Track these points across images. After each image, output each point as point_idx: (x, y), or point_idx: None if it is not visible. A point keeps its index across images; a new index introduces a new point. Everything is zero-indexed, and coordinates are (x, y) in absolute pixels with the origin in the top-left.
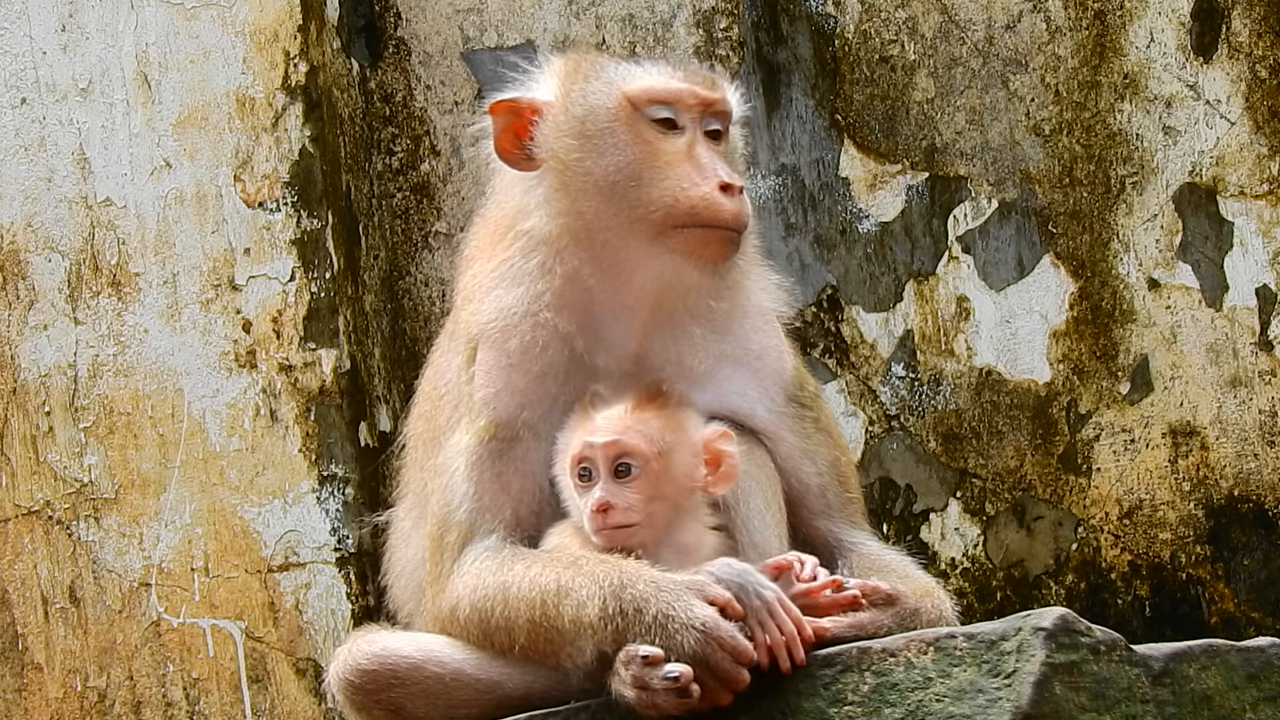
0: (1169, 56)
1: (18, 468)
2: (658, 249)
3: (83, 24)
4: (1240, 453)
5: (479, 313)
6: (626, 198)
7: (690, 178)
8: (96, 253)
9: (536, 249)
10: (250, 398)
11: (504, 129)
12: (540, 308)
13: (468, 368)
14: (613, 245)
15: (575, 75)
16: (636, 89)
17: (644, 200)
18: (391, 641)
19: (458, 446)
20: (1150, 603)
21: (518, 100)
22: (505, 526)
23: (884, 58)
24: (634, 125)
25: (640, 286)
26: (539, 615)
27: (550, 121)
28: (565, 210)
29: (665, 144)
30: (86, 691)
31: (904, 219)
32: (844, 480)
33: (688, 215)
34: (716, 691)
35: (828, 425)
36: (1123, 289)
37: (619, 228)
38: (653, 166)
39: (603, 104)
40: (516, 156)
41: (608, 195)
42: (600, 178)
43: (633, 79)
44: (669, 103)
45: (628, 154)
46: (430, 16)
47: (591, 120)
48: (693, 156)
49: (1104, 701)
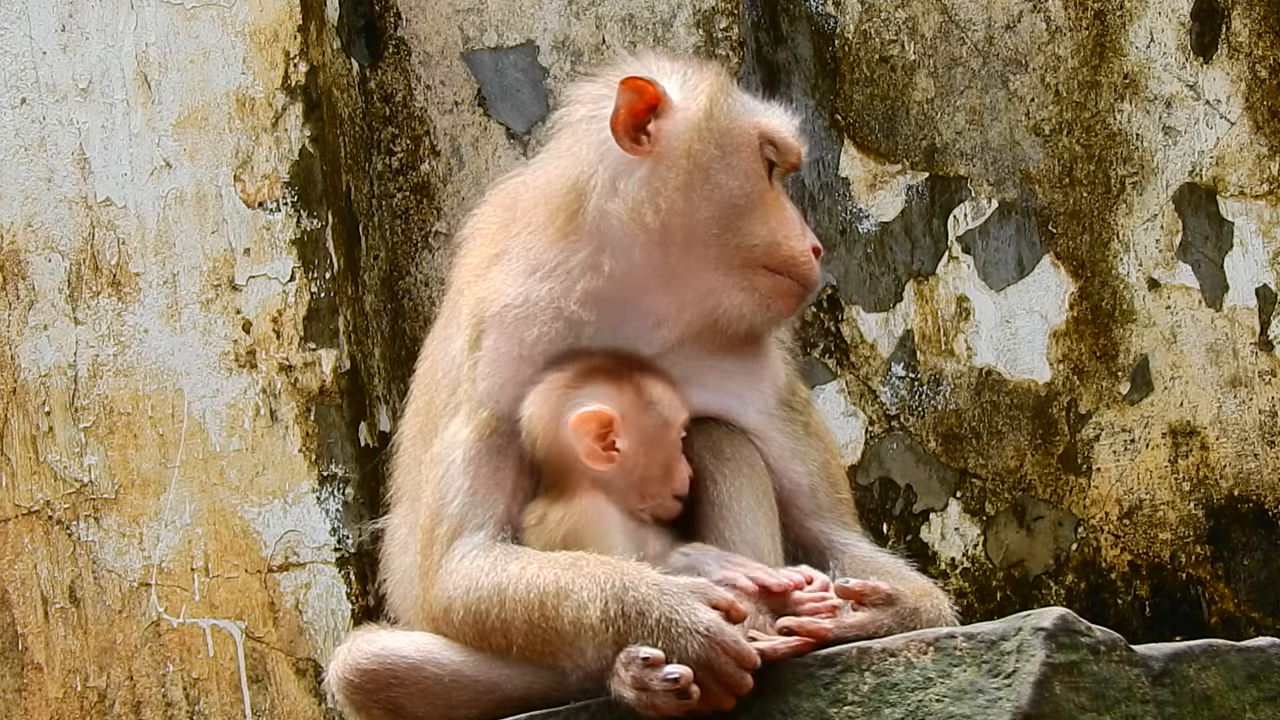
0: (1169, 56)
1: (18, 468)
2: (735, 280)
3: (83, 24)
4: (1240, 453)
5: (496, 293)
6: (737, 221)
7: (794, 229)
8: (96, 253)
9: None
10: (250, 398)
11: (628, 105)
12: (570, 302)
13: (471, 352)
14: (694, 257)
15: (718, 88)
16: (771, 128)
17: (746, 232)
18: (391, 641)
19: (456, 438)
20: (1150, 603)
21: (654, 83)
22: (496, 523)
23: (884, 58)
24: (756, 159)
25: (696, 305)
26: (537, 616)
27: (683, 119)
28: (667, 207)
29: (765, 185)
30: (86, 691)
31: (904, 219)
32: (835, 482)
33: (784, 262)
34: (719, 696)
35: (818, 430)
36: (1123, 289)
37: (713, 244)
38: (763, 204)
39: (741, 127)
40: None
41: (722, 210)
42: (725, 193)
43: (764, 115)
44: (782, 150)
45: (751, 183)
46: (430, 16)
47: (730, 137)
48: (787, 209)
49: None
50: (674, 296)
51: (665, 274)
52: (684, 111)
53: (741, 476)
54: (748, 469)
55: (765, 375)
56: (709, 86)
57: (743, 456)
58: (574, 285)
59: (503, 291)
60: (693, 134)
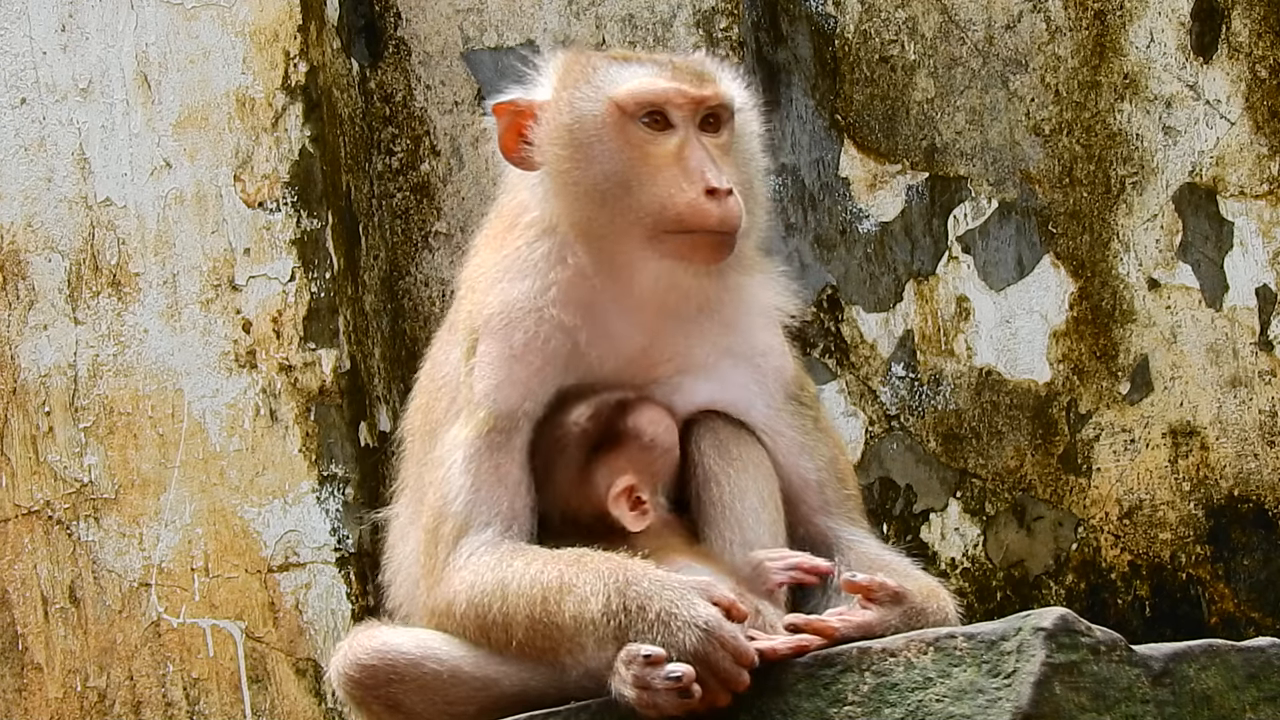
0: (1169, 56)
1: (18, 468)
2: (652, 252)
3: (83, 24)
4: (1240, 453)
5: (483, 304)
6: (618, 204)
7: (677, 183)
8: (96, 253)
9: (541, 241)
10: (250, 398)
11: (506, 129)
12: (546, 303)
13: (468, 360)
14: (609, 248)
15: (566, 79)
16: (623, 94)
17: (634, 207)
18: (392, 637)
19: (456, 439)
20: (1150, 603)
21: (516, 102)
22: (501, 520)
23: (884, 58)
24: (623, 130)
25: (641, 285)
26: (539, 611)
27: (544, 125)
28: (562, 213)
29: (655, 146)
30: (86, 691)
31: (904, 219)
32: (842, 478)
33: (675, 222)
34: (716, 691)
35: (826, 425)
36: (1123, 289)
37: (614, 233)
38: (641, 172)
39: (590, 110)
40: (519, 156)
41: (599, 202)
42: (590, 186)
43: (619, 83)
44: (657, 104)
45: (616, 161)
46: (430, 16)
47: (579, 128)
48: (682, 159)
49: (1104, 701)
50: (625, 281)
51: (606, 266)
52: (548, 113)
53: (747, 476)
54: (753, 468)
55: (773, 368)
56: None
57: (749, 455)
58: (546, 286)
59: (489, 301)
60: (556, 134)
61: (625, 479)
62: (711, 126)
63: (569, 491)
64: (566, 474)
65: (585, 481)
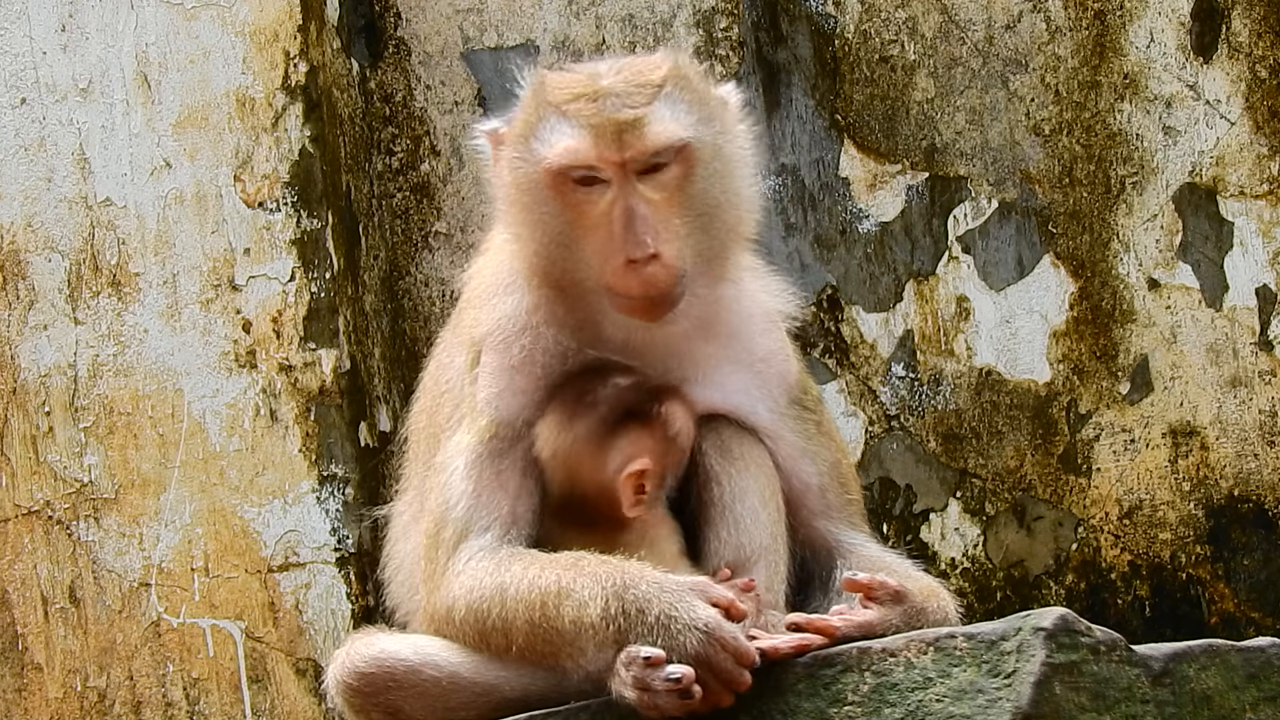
0: (1169, 56)
1: (18, 468)
2: (606, 301)
3: (83, 24)
4: (1240, 453)
5: (480, 320)
6: (565, 262)
7: (605, 250)
8: (96, 253)
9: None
10: (250, 398)
11: (494, 154)
12: (538, 320)
13: (471, 369)
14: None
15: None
16: (553, 159)
17: (580, 264)
18: (389, 644)
19: (458, 445)
20: (1150, 603)
21: (496, 131)
22: (501, 525)
23: (884, 58)
24: (559, 192)
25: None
26: (538, 616)
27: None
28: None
29: (591, 205)
30: (86, 691)
31: (904, 219)
32: (844, 482)
33: (607, 290)
34: (718, 693)
35: (829, 429)
36: (1123, 289)
37: (570, 284)
38: (579, 233)
39: (528, 174)
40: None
41: (549, 258)
42: (538, 245)
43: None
44: (584, 167)
45: (557, 222)
46: (430, 16)
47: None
48: (610, 221)
49: (1104, 701)
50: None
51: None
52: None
53: (748, 477)
54: (755, 469)
55: (776, 373)
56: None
57: (751, 457)
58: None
59: (483, 318)
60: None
61: (641, 462)
62: (653, 168)
63: (580, 450)
64: (584, 430)
65: (600, 448)
